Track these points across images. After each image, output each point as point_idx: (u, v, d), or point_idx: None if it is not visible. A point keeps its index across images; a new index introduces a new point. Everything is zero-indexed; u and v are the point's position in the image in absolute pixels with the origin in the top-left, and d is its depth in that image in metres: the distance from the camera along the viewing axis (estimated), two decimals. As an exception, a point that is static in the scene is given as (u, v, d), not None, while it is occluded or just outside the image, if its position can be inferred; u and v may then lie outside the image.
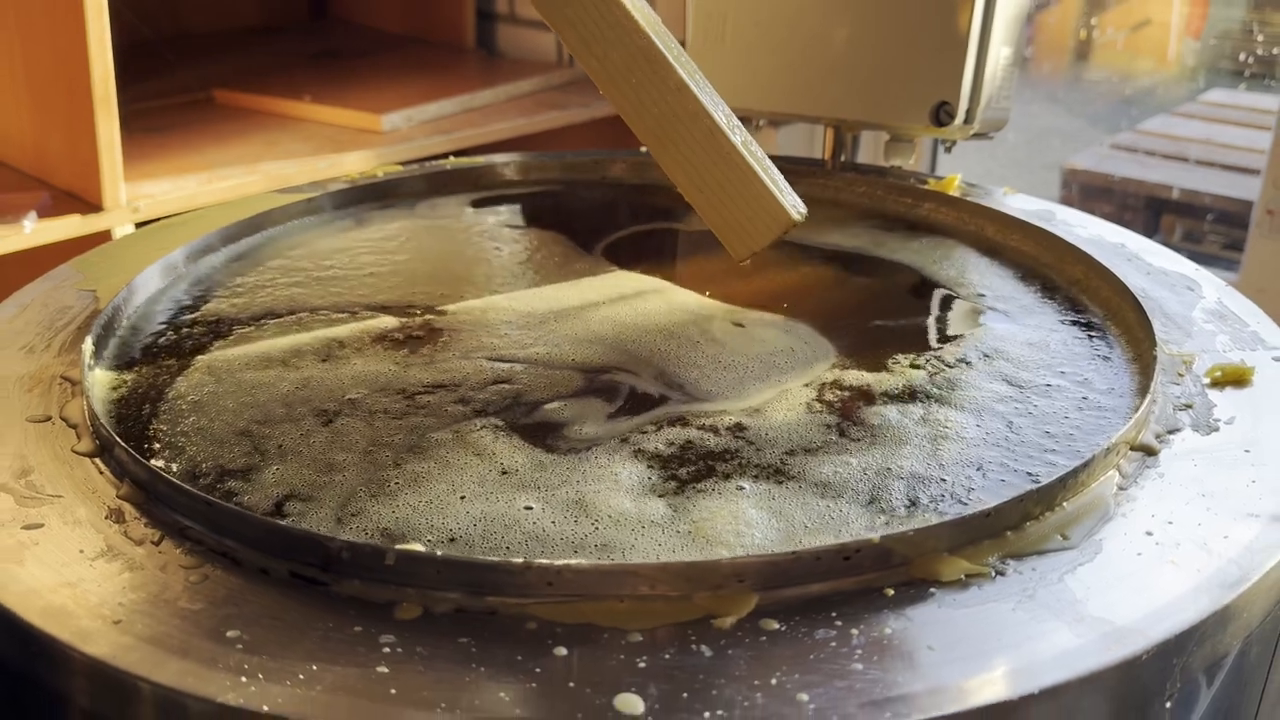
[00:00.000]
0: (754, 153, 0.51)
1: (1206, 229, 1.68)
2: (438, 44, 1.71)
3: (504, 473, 0.41)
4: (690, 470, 0.41)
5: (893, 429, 0.44)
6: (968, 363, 0.50)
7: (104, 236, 1.07)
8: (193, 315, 0.55)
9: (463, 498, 0.40)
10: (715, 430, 0.44)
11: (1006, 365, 0.50)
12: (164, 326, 0.54)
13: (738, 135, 0.50)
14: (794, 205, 0.51)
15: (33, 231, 1.02)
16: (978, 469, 0.42)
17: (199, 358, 0.50)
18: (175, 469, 0.42)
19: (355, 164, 1.21)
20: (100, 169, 1.05)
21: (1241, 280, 1.30)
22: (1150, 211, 1.72)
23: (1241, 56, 1.76)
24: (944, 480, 0.41)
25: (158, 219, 0.72)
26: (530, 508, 0.39)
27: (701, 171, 0.50)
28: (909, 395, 0.47)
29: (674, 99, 0.49)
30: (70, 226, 1.05)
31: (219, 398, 0.47)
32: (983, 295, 0.58)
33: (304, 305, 0.56)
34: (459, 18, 1.70)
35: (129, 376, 0.49)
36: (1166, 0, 2.02)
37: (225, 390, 0.47)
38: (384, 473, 0.41)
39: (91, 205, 1.07)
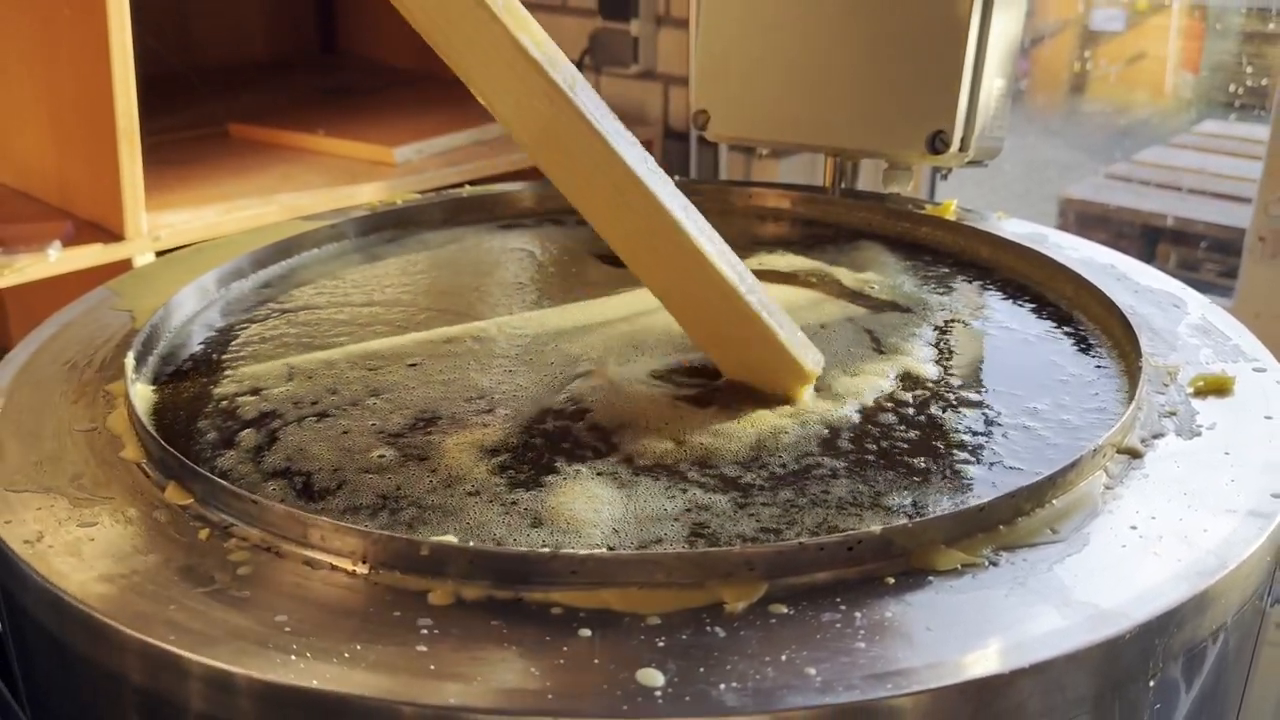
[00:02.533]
0: (772, 311, 0.50)
1: (1201, 256, 1.71)
2: (447, 79, 1.75)
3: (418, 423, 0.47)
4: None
5: (893, 433, 0.47)
6: (949, 370, 0.53)
7: (125, 264, 1.10)
8: (225, 333, 0.58)
9: (345, 433, 0.46)
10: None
11: (986, 378, 0.53)
12: (197, 342, 0.57)
13: (752, 293, 0.49)
14: (814, 361, 0.50)
15: (57, 260, 1.05)
16: (984, 473, 0.45)
17: (228, 371, 0.53)
18: (218, 469, 0.44)
19: (369, 195, 1.24)
20: (123, 199, 1.08)
21: (1236, 305, 1.32)
22: (1145, 239, 1.75)
23: (1232, 88, 1.80)
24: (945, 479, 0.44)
25: (177, 247, 0.75)
26: (383, 456, 0.45)
27: (726, 333, 0.49)
28: (909, 399, 0.50)
29: (688, 264, 0.48)
30: (93, 255, 1.08)
31: (252, 406, 0.49)
32: (975, 311, 0.60)
33: (342, 323, 0.58)
34: (467, 53, 1.74)
35: (166, 388, 0.52)
36: (1160, 34, 2.07)
37: (258, 400, 0.50)
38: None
39: (113, 234, 1.10)
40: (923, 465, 0.45)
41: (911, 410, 0.49)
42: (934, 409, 0.49)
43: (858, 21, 0.74)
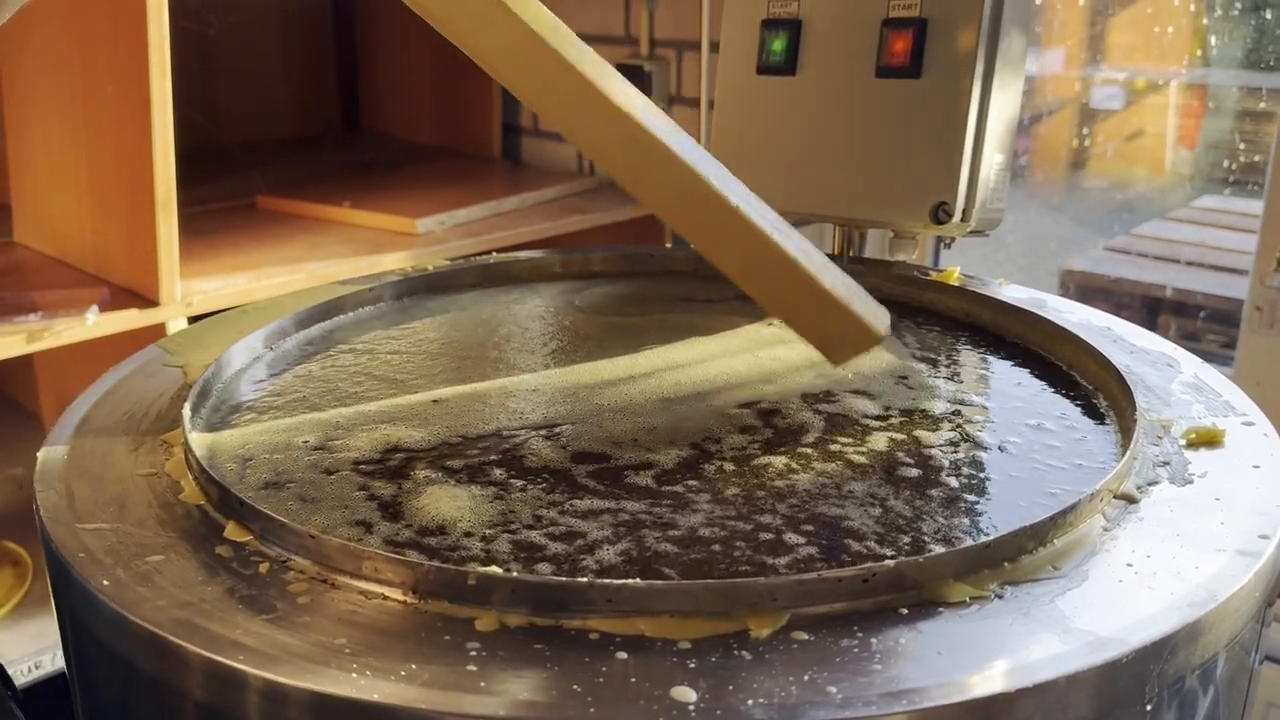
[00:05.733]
0: (836, 277, 0.58)
1: (1200, 327, 1.75)
2: (466, 155, 1.82)
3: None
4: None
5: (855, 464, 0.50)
6: (959, 417, 0.56)
7: (159, 329, 1.14)
8: (268, 386, 0.61)
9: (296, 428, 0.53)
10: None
11: (987, 429, 0.56)
12: (244, 395, 0.60)
13: (817, 265, 0.57)
14: (879, 320, 0.58)
15: (95, 324, 1.10)
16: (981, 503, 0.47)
17: (278, 420, 0.56)
18: (273, 507, 0.47)
19: (393, 264, 1.28)
20: (159, 267, 1.12)
21: (1236, 374, 1.35)
22: (1146, 310, 1.79)
23: (1228, 164, 1.85)
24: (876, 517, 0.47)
25: (209, 313, 0.79)
26: (307, 441, 0.54)
27: (798, 306, 0.57)
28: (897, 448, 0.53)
29: (754, 247, 0.56)
30: (128, 320, 1.12)
31: (297, 450, 0.53)
32: (976, 369, 0.64)
33: (379, 378, 0.62)
34: (486, 130, 1.80)
35: (218, 435, 0.55)
36: (1158, 112, 2.13)
37: (295, 447, 0.53)
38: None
39: (149, 300, 1.14)
40: (931, 502, 0.48)
41: (917, 454, 0.52)
42: (939, 453, 0.52)
43: (864, 100, 0.78)
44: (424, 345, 0.68)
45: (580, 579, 0.39)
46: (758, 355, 0.66)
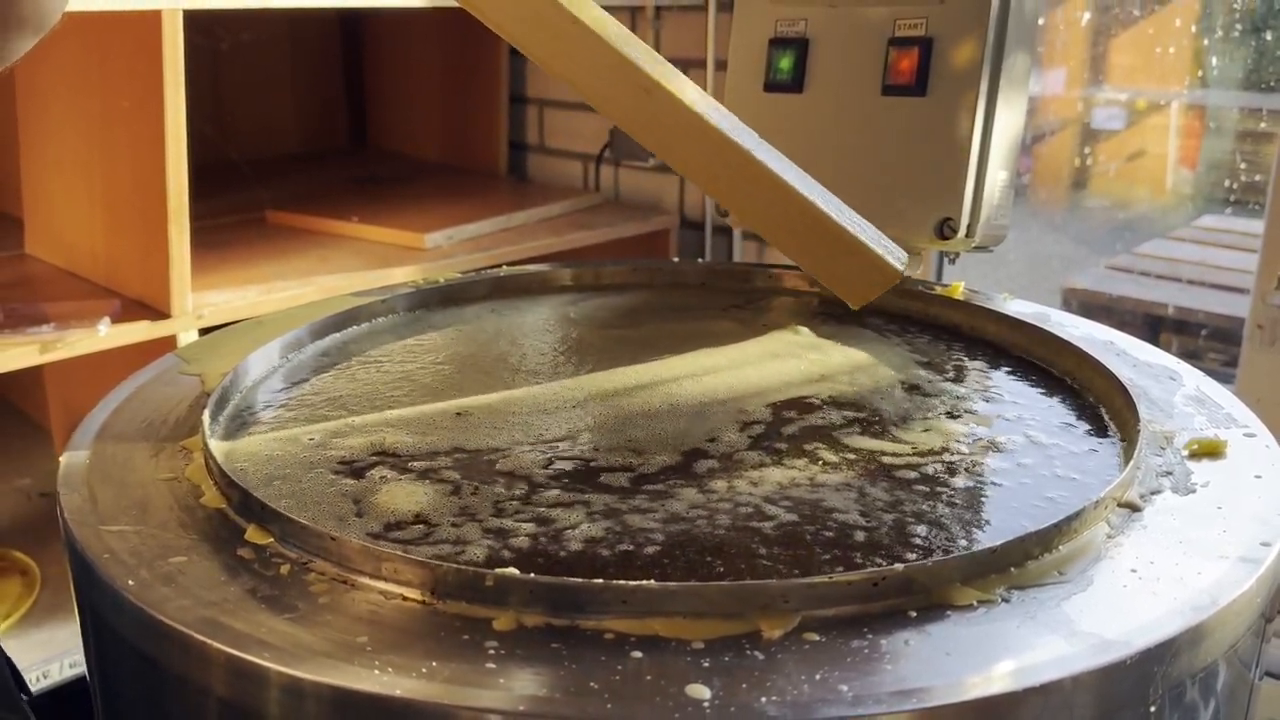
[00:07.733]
0: (851, 219, 0.60)
1: (1202, 344, 1.76)
2: (472, 171, 1.83)
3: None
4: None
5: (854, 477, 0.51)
6: (970, 427, 0.57)
7: (170, 341, 1.15)
8: (286, 394, 0.62)
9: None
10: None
11: (997, 434, 0.57)
12: (262, 402, 0.61)
13: (832, 207, 0.59)
14: (897, 259, 0.61)
15: (106, 335, 1.11)
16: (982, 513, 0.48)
17: (294, 428, 0.57)
18: (294, 511, 0.48)
19: (402, 277, 1.30)
20: (170, 279, 1.14)
21: (1238, 391, 1.36)
22: (1148, 328, 1.80)
23: (1228, 184, 1.86)
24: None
25: (220, 325, 0.80)
26: (312, 439, 0.56)
27: (814, 247, 0.60)
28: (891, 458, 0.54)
29: (776, 197, 0.58)
30: (140, 331, 1.13)
31: (310, 455, 0.54)
32: (981, 382, 0.65)
33: (397, 387, 0.63)
34: (492, 147, 1.82)
35: (235, 441, 0.56)
36: (1159, 133, 2.14)
37: (308, 453, 0.54)
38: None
39: (160, 312, 1.15)
40: (937, 508, 0.49)
41: (923, 462, 0.53)
42: (945, 461, 0.53)
43: (870, 117, 0.79)
44: (453, 356, 0.69)
45: (595, 580, 0.40)
46: (764, 366, 0.67)
